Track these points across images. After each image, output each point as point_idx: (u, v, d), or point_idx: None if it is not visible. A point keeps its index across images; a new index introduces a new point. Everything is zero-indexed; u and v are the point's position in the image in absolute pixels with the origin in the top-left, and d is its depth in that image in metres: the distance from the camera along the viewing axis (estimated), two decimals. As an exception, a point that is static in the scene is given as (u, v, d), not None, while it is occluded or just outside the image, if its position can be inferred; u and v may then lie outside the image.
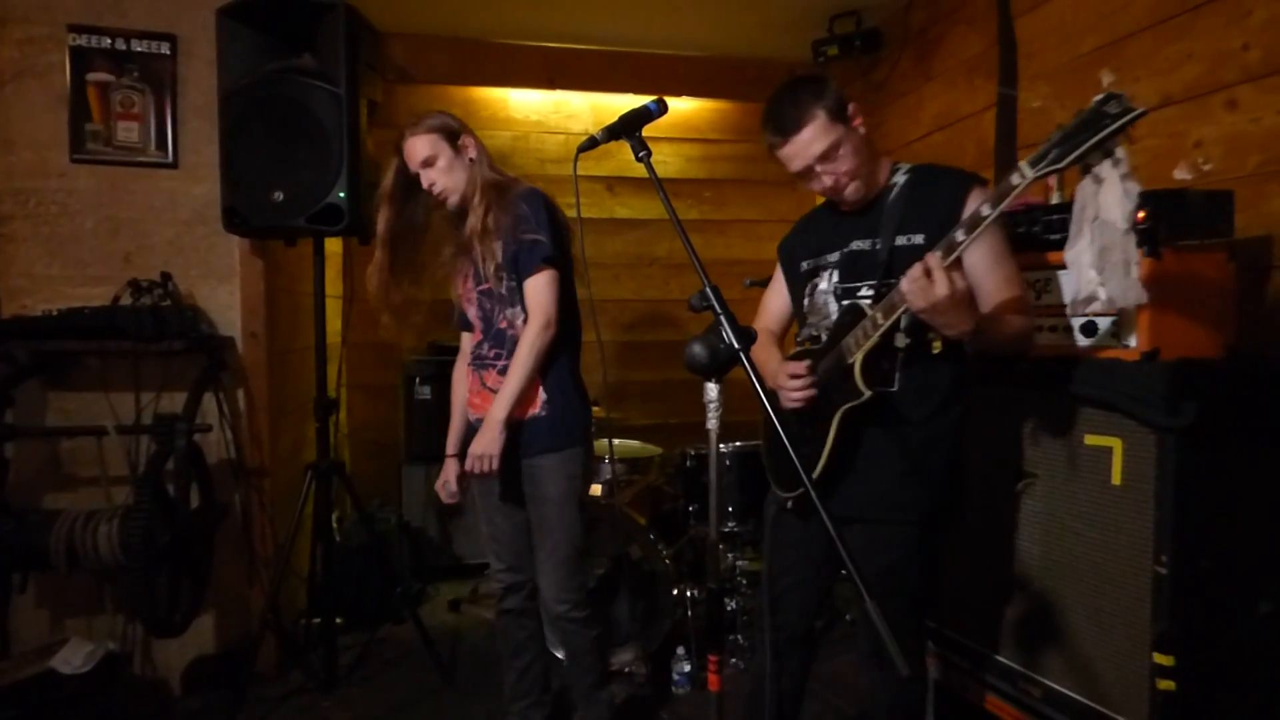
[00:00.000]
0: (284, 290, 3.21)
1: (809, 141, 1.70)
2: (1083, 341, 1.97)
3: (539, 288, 2.11)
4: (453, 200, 2.18)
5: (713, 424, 1.37)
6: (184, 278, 2.84)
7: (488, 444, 2.08)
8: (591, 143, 1.57)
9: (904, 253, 1.70)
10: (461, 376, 2.38)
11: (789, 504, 1.86)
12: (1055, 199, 2.32)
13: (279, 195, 2.63)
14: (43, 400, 2.78)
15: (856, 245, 1.81)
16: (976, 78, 3.17)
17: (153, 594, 2.46)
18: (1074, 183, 2.33)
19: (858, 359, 1.66)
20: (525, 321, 2.13)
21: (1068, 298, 1.61)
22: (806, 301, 1.92)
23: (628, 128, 1.55)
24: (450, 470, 2.34)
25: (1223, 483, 1.77)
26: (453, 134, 2.18)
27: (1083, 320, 1.97)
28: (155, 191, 2.87)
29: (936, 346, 1.68)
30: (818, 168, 1.73)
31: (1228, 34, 2.11)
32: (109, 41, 2.81)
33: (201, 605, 2.75)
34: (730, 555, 3.15)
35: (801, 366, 1.76)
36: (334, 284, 3.48)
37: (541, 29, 4.10)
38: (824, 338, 1.84)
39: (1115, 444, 1.85)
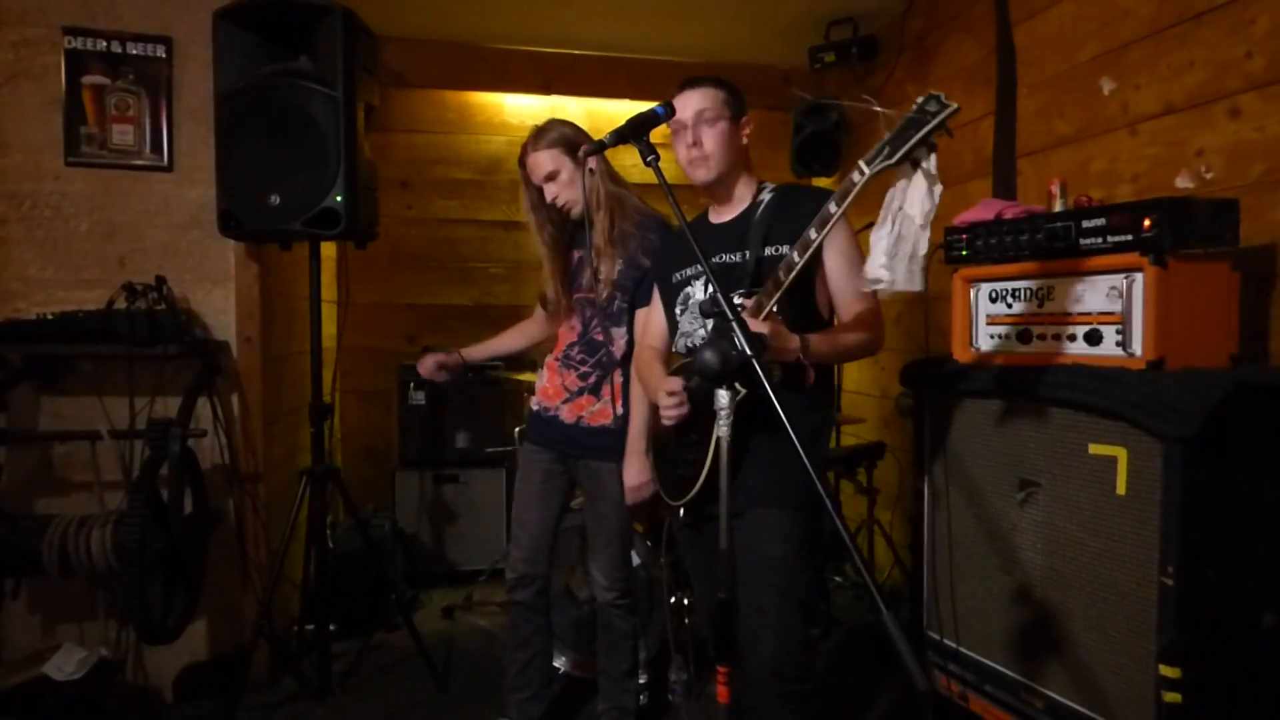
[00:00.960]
0: (279, 294, 3.19)
1: (700, 101, 1.86)
2: (1087, 350, 1.97)
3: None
4: (575, 211, 2.30)
5: (724, 431, 1.36)
6: (178, 281, 2.81)
7: (638, 473, 2.20)
8: (600, 146, 1.57)
9: (770, 262, 1.79)
10: (513, 342, 2.67)
11: (680, 512, 1.92)
12: (1058, 206, 2.31)
13: (275, 199, 2.60)
14: (36, 404, 2.75)
15: (725, 258, 1.90)
16: (974, 85, 3.17)
17: (145, 600, 2.42)
18: (1074, 190, 2.34)
19: None
20: (627, 342, 2.30)
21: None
22: (679, 310, 2.00)
23: (636, 132, 1.55)
24: (440, 360, 2.56)
25: (1228, 493, 1.76)
26: (573, 146, 2.28)
27: (1087, 329, 1.97)
28: (150, 195, 2.85)
29: (777, 373, 1.72)
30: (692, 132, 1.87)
31: (1230, 42, 2.11)
32: (104, 44, 2.79)
33: (194, 612, 2.72)
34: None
35: (677, 383, 1.81)
36: (329, 288, 3.46)
37: (537, 34, 4.09)
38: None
39: (1120, 453, 1.84)
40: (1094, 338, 1.95)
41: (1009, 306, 2.20)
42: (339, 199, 2.60)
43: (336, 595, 3.20)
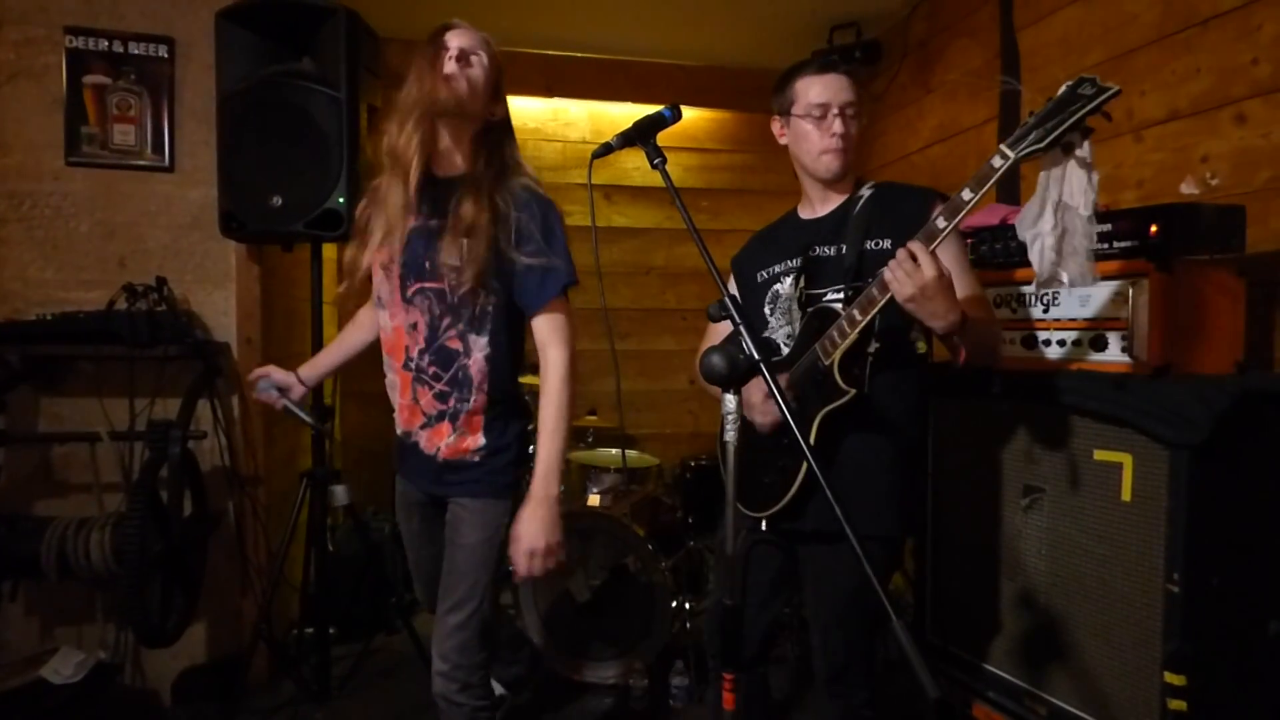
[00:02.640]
0: (280, 296, 3.18)
1: (851, 93, 1.79)
2: (1092, 355, 1.96)
3: (561, 324, 1.79)
4: (457, 93, 1.76)
5: (730, 436, 1.35)
6: (179, 282, 2.81)
7: (543, 531, 1.74)
8: (606, 149, 1.56)
9: (873, 256, 1.72)
10: (367, 323, 2.11)
11: (763, 525, 1.84)
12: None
13: (277, 200, 2.60)
14: (35, 405, 2.74)
15: (819, 251, 1.82)
16: (978, 91, 3.16)
17: (144, 603, 2.42)
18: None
19: (835, 359, 1.65)
20: (487, 359, 1.81)
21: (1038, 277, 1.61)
22: (768, 309, 1.92)
23: (643, 134, 1.55)
24: (289, 378, 2.17)
25: (1234, 501, 1.75)
26: (501, 76, 1.87)
27: (1093, 334, 1.96)
28: (151, 195, 2.84)
29: (921, 347, 1.71)
30: (842, 121, 1.78)
31: (1236, 48, 2.10)
32: (106, 44, 2.78)
33: (193, 615, 2.71)
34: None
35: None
36: (330, 290, 3.44)
37: (540, 37, 4.09)
38: (784, 347, 1.84)
39: (1125, 460, 1.83)
40: (1099, 343, 1.95)
41: (1014, 311, 2.19)
42: (341, 200, 2.59)
43: (336, 598, 3.18)
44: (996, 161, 1.41)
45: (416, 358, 1.83)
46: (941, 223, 1.48)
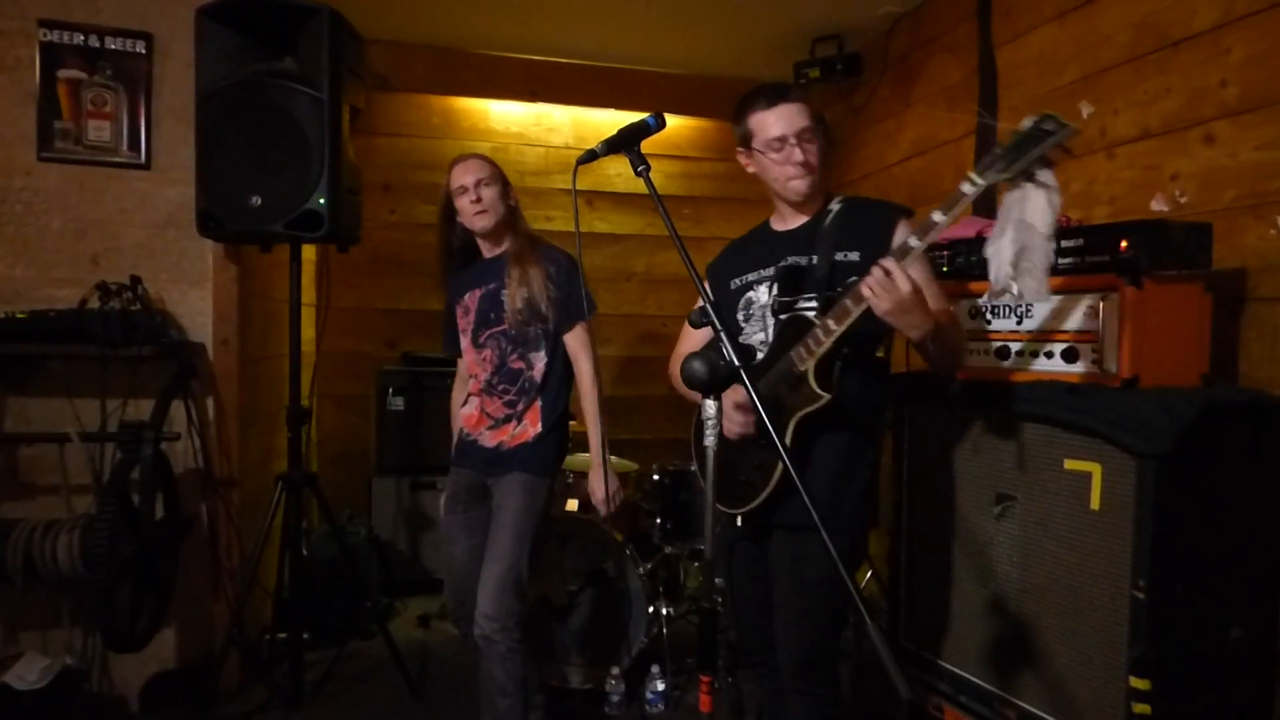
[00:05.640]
0: (257, 296, 3.14)
1: (805, 117, 1.86)
2: (1063, 367, 2.01)
3: (585, 341, 2.41)
4: (486, 225, 2.38)
5: (710, 441, 1.37)
6: (154, 282, 2.77)
7: (606, 482, 2.37)
8: (591, 155, 1.58)
9: (843, 267, 1.81)
10: (460, 399, 2.60)
11: (739, 522, 1.90)
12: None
13: (256, 200, 2.57)
14: (2, 405, 2.69)
15: (792, 261, 1.90)
16: (956, 105, 3.22)
17: (114, 607, 2.37)
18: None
19: (810, 366, 1.72)
20: (546, 364, 2.40)
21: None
22: (741, 315, 1.98)
23: (627, 142, 1.56)
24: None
25: (1199, 510, 1.80)
26: (505, 179, 2.45)
27: (1064, 347, 2.00)
28: (126, 193, 2.80)
29: (880, 352, 1.85)
30: (801, 149, 1.85)
31: (1206, 70, 2.16)
32: (81, 38, 2.74)
33: (164, 619, 2.67)
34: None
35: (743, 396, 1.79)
36: (308, 291, 3.42)
37: (524, 41, 4.10)
38: (758, 353, 1.89)
39: (1094, 469, 1.87)
40: (1071, 355, 1.99)
41: (988, 323, 2.23)
42: (322, 201, 2.58)
43: (311, 603, 3.15)
44: (966, 188, 1.53)
45: (488, 378, 2.43)
46: (914, 241, 1.59)
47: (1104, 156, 2.49)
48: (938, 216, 1.55)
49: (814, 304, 1.79)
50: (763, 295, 1.93)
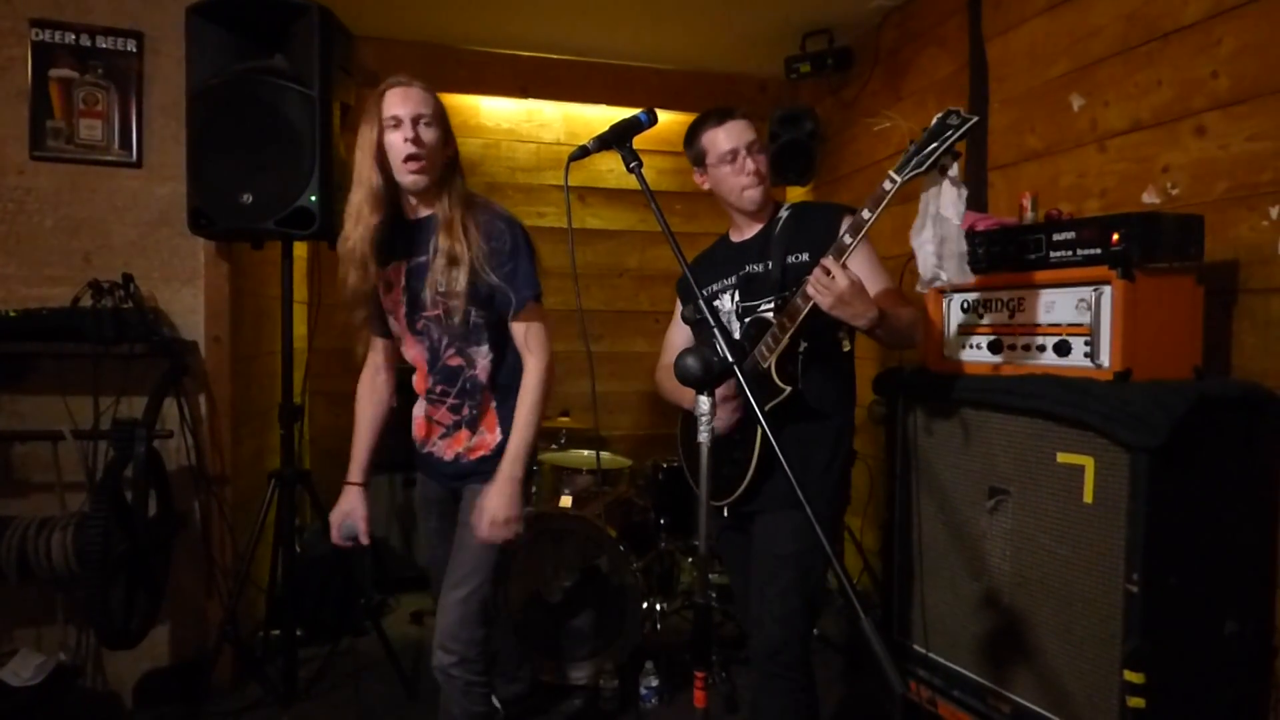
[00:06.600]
0: (249, 294, 3.14)
1: (751, 132, 2.01)
2: (1056, 361, 2.01)
3: (536, 330, 1.97)
4: (419, 182, 1.89)
5: (704, 437, 1.38)
6: (146, 279, 2.76)
7: (508, 505, 1.91)
8: (583, 151, 1.58)
9: (795, 268, 1.93)
10: (368, 392, 2.18)
11: (724, 513, 2.01)
12: (1029, 219, 2.36)
13: (248, 197, 2.57)
14: (-5, 403, 2.69)
15: (751, 269, 2.03)
16: (947, 99, 3.21)
17: (107, 604, 2.38)
18: (1044, 203, 2.39)
19: (771, 362, 1.85)
20: (492, 361, 1.99)
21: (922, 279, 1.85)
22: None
23: (619, 138, 1.57)
24: (353, 501, 2.12)
25: (1192, 503, 1.80)
26: (448, 122, 1.97)
27: (1056, 340, 2.01)
28: (118, 191, 2.80)
29: (846, 345, 1.95)
30: (752, 160, 1.99)
31: (1197, 62, 2.16)
32: (73, 37, 2.74)
33: (157, 616, 2.67)
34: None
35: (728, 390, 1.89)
36: (299, 288, 3.41)
37: (515, 37, 4.08)
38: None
39: (1087, 462, 1.87)
40: (1063, 349, 1.99)
41: (980, 317, 2.23)
42: (313, 199, 2.57)
43: (304, 599, 3.16)
44: (887, 185, 1.65)
45: (428, 381, 2.04)
46: (848, 239, 1.71)
47: (1095, 149, 2.49)
48: (866, 214, 1.68)
49: (773, 306, 1.91)
50: (727, 302, 2.06)
